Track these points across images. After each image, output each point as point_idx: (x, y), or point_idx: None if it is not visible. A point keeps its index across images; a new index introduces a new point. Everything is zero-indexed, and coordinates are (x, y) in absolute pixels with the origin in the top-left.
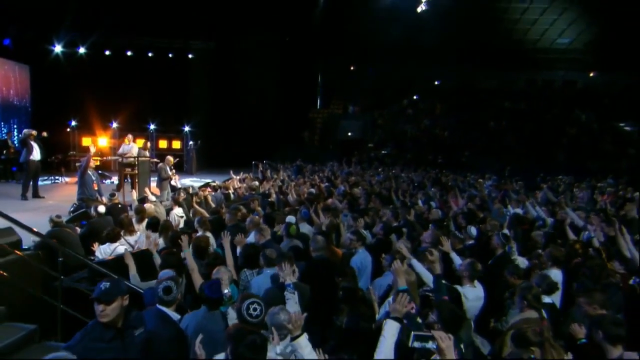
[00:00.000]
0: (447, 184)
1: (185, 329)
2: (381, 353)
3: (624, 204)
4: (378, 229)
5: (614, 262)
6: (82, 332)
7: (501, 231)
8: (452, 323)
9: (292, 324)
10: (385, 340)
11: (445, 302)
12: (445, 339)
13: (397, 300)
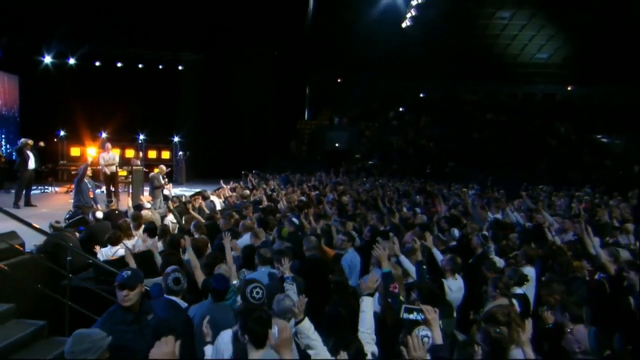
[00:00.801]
0: (431, 192)
1: (192, 318)
2: (364, 325)
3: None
4: (366, 231)
5: (582, 261)
6: (105, 316)
7: (481, 233)
8: (431, 301)
9: (297, 308)
10: (365, 315)
11: (425, 282)
12: (432, 312)
13: (369, 279)
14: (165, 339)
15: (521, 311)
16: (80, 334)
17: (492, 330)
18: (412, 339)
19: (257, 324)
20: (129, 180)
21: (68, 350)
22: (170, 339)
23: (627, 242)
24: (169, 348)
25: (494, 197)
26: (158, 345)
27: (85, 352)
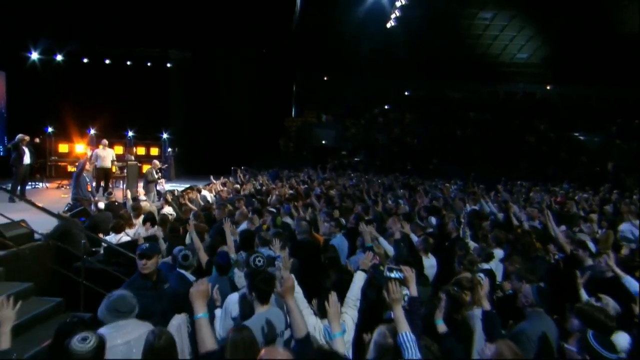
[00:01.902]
0: (414, 186)
1: None
2: (351, 293)
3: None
4: (352, 218)
5: (549, 245)
6: (127, 283)
7: (455, 219)
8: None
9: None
10: (354, 285)
11: (403, 254)
12: (409, 271)
13: (365, 256)
14: (201, 280)
15: (490, 284)
16: (119, 294)
17: (452, 289)
18: (391, 283)
19: (263, 283)
20: (124, 174)
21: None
22: (204, 280)
23: (590, 230)
24: (205, 286)
25: (473, 191)
26: (196, 285)
27: (123, 306)
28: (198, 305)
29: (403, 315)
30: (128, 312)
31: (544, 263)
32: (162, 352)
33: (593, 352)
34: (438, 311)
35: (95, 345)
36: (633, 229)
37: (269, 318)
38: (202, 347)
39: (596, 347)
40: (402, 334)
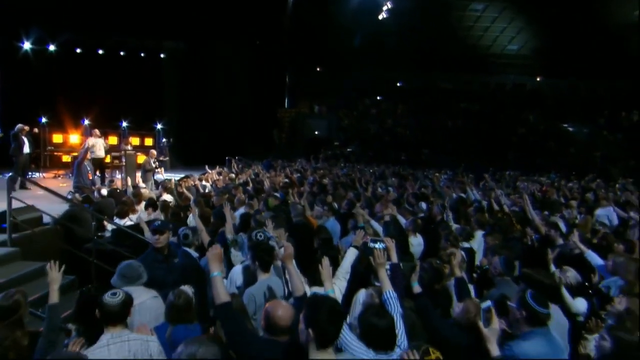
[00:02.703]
0: (404, 175)
1: (204, 266)
2: (341, 267)
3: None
4: (344, 204)
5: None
6: (142, 256)
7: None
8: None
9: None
10: (345, 260)
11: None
12: (390, 242)
13: (357, 234)
14: (214, 245)
15: (467, 259)
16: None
17: (434, 261)
18: (376, 251)
19: (264, 253)
20: (120, 164)
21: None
22: (217, 246)
23: (570, 216)
24: (218, 250)
25: (461, 180)
26: (211, 249)
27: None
28: (214, 266)
29: (387, 277)
30: (135, 279)
31: (519, 243)
32: (181, 308)
33: (529, 308)
34: (414, 275)
35: (123, 298)
36: (609, 214)
37: (270, 284)
38: (217, 299)
39: (531, 303)
40: (386, 292)
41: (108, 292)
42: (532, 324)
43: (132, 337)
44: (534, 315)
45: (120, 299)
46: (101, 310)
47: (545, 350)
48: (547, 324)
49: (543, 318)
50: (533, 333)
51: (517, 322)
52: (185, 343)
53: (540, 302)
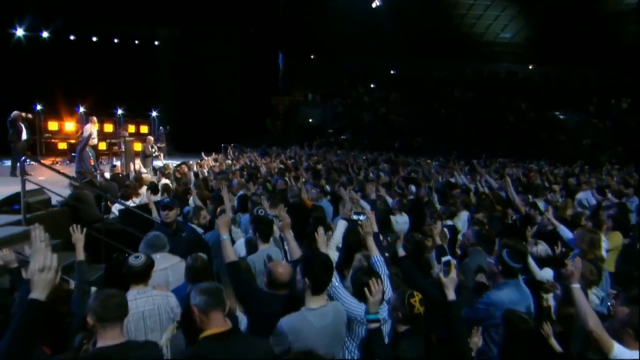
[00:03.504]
0: (396, 161)
1: (208, 241)
2: (333, 239)
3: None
4: (337, 186)
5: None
6: (152, 230)
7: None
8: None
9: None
10: (336, 231)
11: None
12: (370, 213)
13: (345, 207)
14: (223, 214)
15: (450, 236)
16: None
17: (416, 235)
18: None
19: (264, 225)
20: (122, 150)
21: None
22: (226, 214)
23: (553, 199)
24: (226, 217)
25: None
26: (220, 218)
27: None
28: (223, 231)
29: (374, 244)
30: (162, 247)
31: (500, 222)
32: (199, 270)
33: (504, 263)
34: (398, 242)
35: (145, 261)
36: (588, 198)
37: (269, 253)
38: (226, 259)
39: (507, 259)
40: (374, 257)
41: (132, 255)
42: (506, 276)
43: (155, 293)
44: (508, 270)
45: (143, 262)
46: (127, 271)
47: (516, 296)
48: (518, 277)
49: (515, 271)
50: (507, 284)
51: (495, 275)
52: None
53: (514, 259)
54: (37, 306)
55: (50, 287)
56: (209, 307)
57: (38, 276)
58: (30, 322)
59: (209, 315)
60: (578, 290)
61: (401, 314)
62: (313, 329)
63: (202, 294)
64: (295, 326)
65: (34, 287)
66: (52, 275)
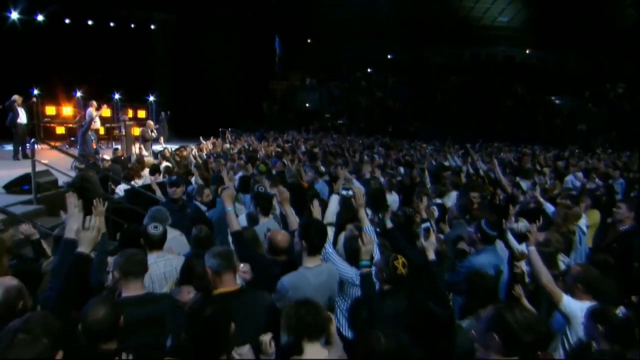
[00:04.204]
0: (391, 145)
1: (210, 218)
2: (327, 213)
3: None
4: (332, 168)
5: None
6: (161, 204)
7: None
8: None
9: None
10: (330, 206)
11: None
12: (357, 189)
13: (337, 184)
14: (227, 189)
15: (439, 213)
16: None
17: (407, 209)
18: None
19: (264, 201)
20: (122, 134)
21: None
22: (231, 187)
23: (542, 182)
24: (231, 191)
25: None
26: (225, 191)
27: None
28: (227, 203)
29: (365, 216)
30: (164, 220)
31: (485, 200)
32: (203, 239)
33: (482, 231)
34: (386, 214)
35: (163, 230)
36: (574, 180)
37: (269, 226)
38: (231, 228)
39: (485, 228)
40: (365, 227)
41: (151, 225)
42: (485, 242)
43: (171, 257)
44: (486, 237)
45: (161, 231)
46: (146, 239)
47: (493, 260)
48: (494, 243)
49: (492, 238)
50: (484, 250)
51: (474, 242)
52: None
53: (491, 227)
54: (84, 258)
55: (94, 244)
56: (222, 268)
57: (83, 234)
58: (77, 271)
59: (221, 276)
60: (533, 251)
61: (385, 274)
62: (310, 285)
63: (215, 257)
64: (295, 282)
65: (80, 243)
66: (95, 234)
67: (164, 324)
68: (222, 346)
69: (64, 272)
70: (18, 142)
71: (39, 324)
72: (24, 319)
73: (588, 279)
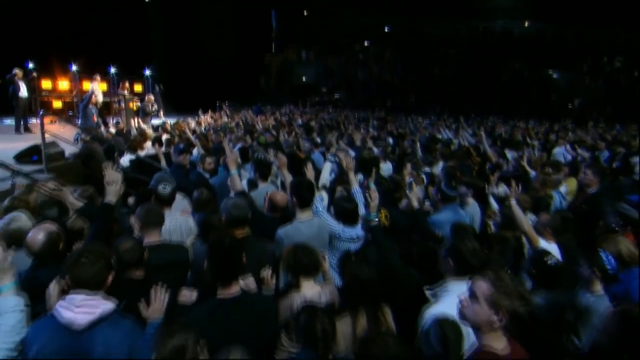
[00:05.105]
0: (386, 118)
1: (213, 184)
2: (321, 179)
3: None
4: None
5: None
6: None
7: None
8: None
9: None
10: (323, 172)
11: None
12: (342, 154)
13: (331, 149)
14: (234, 152)
15: (427, 182)
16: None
17: (395, 176)
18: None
19: (263, 166)
20: (122, 108)
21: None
22: (235, 153)
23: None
24: (235, 155)
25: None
26: (230, 154)
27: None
28: (232, 166)
29: (354, 177)
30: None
31: (469, 168)
32: (204, 202)
33: (442, 192)
34: (370, 178)
35: (171, 189)
36: (563, 152)
37: (268, 190)
38: (235, 189)
39: (444, 189)
40: (353, 188)
41: (160, 185)
42: (444, 202)
43: (178, 216)
44: (445, 196)
45: (169, 190)
46: (157, 197)
47: (452, 217)
48: (454, 202)
49: (451, 198)
50: (445, 208)
51: (436, 202)
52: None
53: (450, 188)
54: (110, 207)
55: (118, 195)
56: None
57: (109, 188)
58: (106, 218)
59: (232, 224)
60: (514, 204)
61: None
62: (302, 235)
63: (232, 206)
64: (289, 232)
65: (107, 194)
66: (119, 187)
67: (177, 267)
68: (236, 271)
69: (95, 218)
70: (19, 116)
71: (96, 250)
72: (85, 246)
73: (554, 225)
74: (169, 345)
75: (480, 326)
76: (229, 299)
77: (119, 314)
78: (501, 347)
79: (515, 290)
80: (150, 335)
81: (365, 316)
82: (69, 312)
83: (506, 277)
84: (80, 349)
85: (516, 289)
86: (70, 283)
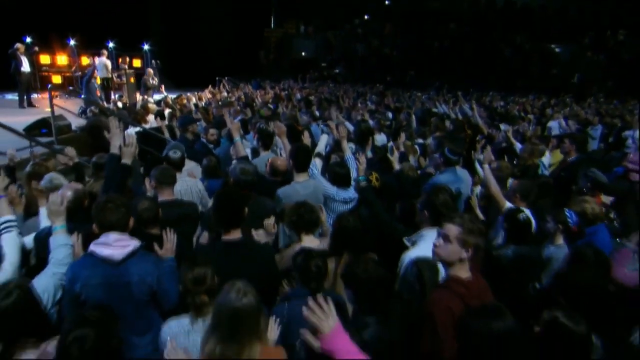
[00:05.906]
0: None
1: (218, 154)
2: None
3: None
4: (326, 114)
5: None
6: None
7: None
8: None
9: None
10: (320, 143)
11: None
12: (332, 124)
13: (328, 122)
14: (236, 121)
15: (421, 152)
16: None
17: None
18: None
19: (265, 135)
20: (123, 82)
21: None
22: (238, 123)
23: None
24: (237, 125)
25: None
26: (233, 124)
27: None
28: (235, 134)
29: (347, 146)
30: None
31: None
32: (212, 167)
33: (445, 156)
34: (367, 147)
35: (181, 155)
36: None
37: (269, 157)
38: (239, 155)
39: (447, 153)
40: (346, 156)
41: (171, 151)
42: (446, 165)
43: (188, 179)
44: (447, 160)
45: (179, 155)
46: (167, 162)
47: (452, 178)
48: (455, 166)
49: (453, 162)
50: (446, 170)
51: (438, 165)
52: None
53: (452, 153)
54: (127, 167)
55: (133, 156)
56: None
57: (124, 149)
58: (123, 176)
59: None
60: (486, 168)
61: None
62: (299, 195)
63: (240, 172)
64: (287, 192)
65: (123, 156)
66: (134, 149)
67: (189, 222)
68: (239, 220)
69: (110, 175)
70: (22, 90)
71: (118, 199)
72: (107, 197)
73: (522, 190)
74: (191, 276)
75: (452, 262)
76: (231, 241)
77: (144, 250)
78: (465, 276)
79: (477, 228)
80: (168, 267)
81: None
82: (106, 248)
83: (469, 219)
84: (121, 277)
85: (478, 227)
86: (98, 227)
